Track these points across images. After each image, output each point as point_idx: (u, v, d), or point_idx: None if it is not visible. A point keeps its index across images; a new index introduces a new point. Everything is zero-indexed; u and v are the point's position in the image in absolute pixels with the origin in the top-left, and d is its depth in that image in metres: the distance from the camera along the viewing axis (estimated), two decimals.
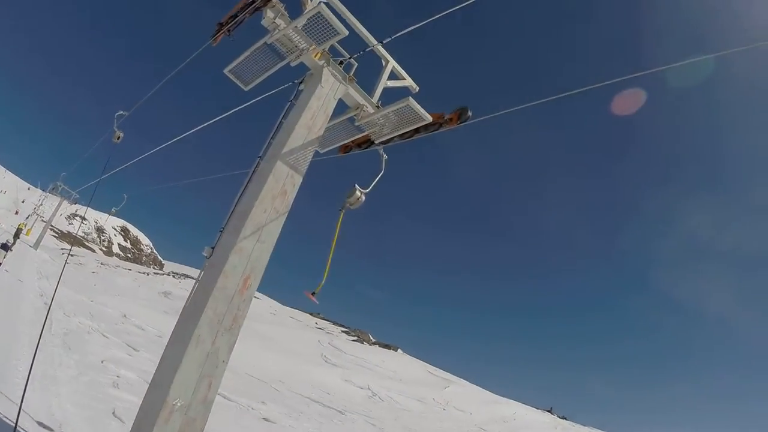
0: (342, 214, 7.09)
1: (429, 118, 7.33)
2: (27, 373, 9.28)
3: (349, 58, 7.58)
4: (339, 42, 7.14)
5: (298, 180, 6.58)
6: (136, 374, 15.20)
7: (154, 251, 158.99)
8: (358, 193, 7.11)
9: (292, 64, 7.06)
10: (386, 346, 56.49)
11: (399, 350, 57.08)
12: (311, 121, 6.74)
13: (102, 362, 15.12)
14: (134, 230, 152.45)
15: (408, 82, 8.28)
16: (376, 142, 8.03)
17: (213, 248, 6.29)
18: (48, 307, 12.32)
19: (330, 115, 7.12)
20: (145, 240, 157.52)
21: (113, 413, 10.81)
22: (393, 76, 8.11)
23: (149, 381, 15.01)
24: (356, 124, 7.82)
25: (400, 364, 47.99)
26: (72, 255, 53.87)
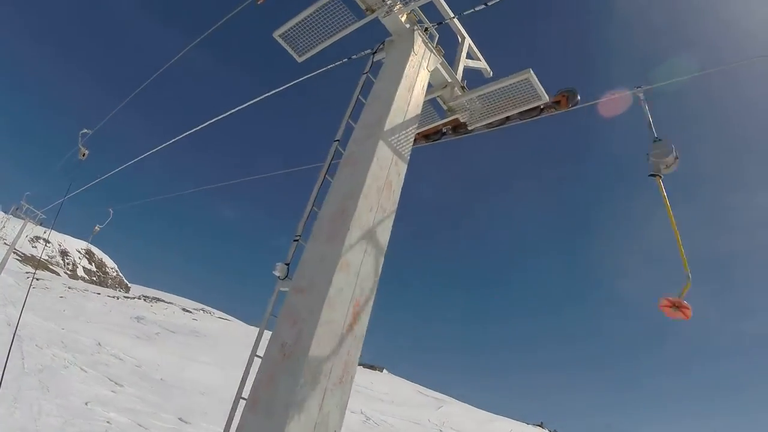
0: (660, 181, 5.18)
1: (546, 98, 5.68)
2: None
3: (436, 25, 5.91)
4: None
5: (403, 169, 4.83)
6: (126, 416, 13.29)
7: (120, 274, 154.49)
8: (675, 152, 5.18)
9: (382, 20, 5.35)
10: (371, 367, 54.47)
11: (385, 370, 55.19)
12: (409, 94, 5.05)
13: (86, 404, 13.15)
14: (99, 253, 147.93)
15: (483, 64, 6.69)
16: (470, 128, 6.34)
17: (288, 264, 4.48)
18: (12, 337, 10.35)
19: (426, 89, 5.42)
20: (110, 263, 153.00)
21: None
22: (468, 55, 6.53)
23: (141, 424, 13.13)
24: (450, 104, 6.12)
25: (389, 385, 46.25)
26: (37, 279, 51.04)
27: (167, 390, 20.43)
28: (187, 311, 59.74)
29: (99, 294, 55.43)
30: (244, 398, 4.12)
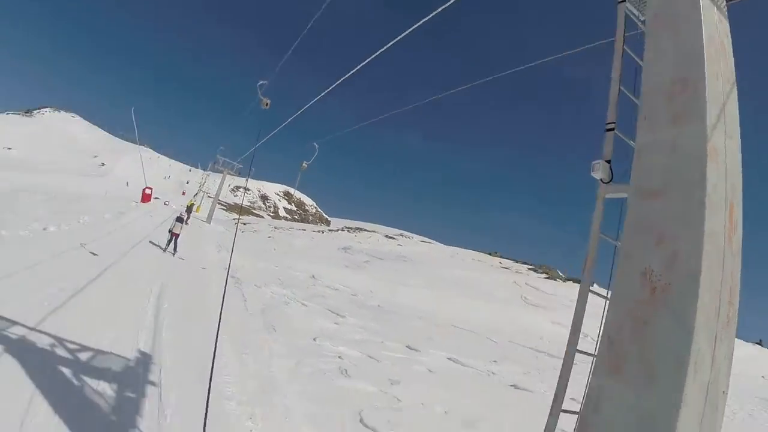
0: None
1: None
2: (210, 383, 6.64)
3: None
4: None
5: (727, 28, 3.55)
6: (356, 350, 12.67)
7: (319, 210, 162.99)
8: None
9: None
10: (579, 282, 51.94)
11: (595, 285, 52.54)
12: None
13: (315, 340, 12.75)
14: (296, 193, 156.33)
15: None
16: None
17: (609, 162, 3.47)
18: (226, 278, 9.90)
19: None
20: (308, 201, 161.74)
21: (361, 421, 8.12)
22: None
23: (371, 355, 12.46)
24: None
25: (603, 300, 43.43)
26: (244, 224, 54.43)
27: (386, 316, 20.14)
28: (390, 237, 60.77)
29: (304, 230, 57.90)
30: (582, 351, 2.95)
